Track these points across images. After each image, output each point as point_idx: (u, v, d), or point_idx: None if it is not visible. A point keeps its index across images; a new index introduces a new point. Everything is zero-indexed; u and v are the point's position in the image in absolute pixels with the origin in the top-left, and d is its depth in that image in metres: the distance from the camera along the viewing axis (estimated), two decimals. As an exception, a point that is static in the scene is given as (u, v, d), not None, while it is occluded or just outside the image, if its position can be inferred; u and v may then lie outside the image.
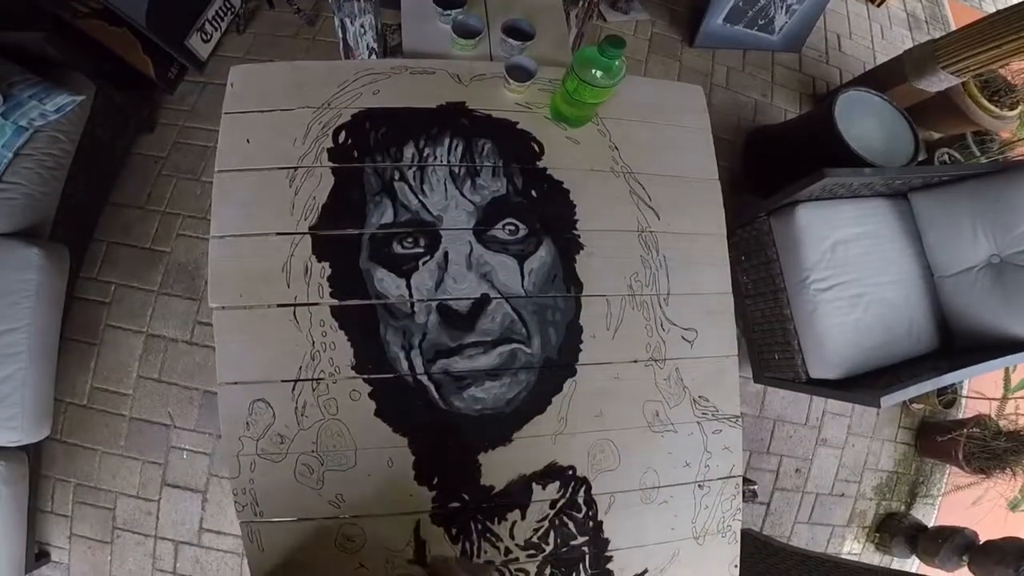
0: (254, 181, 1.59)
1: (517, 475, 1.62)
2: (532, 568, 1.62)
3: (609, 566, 1.67)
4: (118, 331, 2.86)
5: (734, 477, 1.76)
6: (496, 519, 1.60)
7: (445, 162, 1.68)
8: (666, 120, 1.90)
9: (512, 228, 1.67)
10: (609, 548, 1.67)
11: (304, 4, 3.38)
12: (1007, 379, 3.44)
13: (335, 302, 1.55)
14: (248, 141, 1.61)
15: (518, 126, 1.78)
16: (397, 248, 1.60)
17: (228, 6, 3.26)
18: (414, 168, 1.66)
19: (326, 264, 1.56)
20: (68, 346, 2.74)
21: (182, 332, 2.87)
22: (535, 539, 1.62)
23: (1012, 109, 3.49)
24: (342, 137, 1.66)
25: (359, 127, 1.67)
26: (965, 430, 3.27)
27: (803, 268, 2.58)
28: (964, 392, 3.68)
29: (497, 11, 2.02)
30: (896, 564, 3.57)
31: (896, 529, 3.50)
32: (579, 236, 1.72)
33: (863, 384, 2.50)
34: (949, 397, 3.57)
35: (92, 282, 2.88)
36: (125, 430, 2.80)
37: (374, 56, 2.23)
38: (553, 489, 1.63)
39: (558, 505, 1.63)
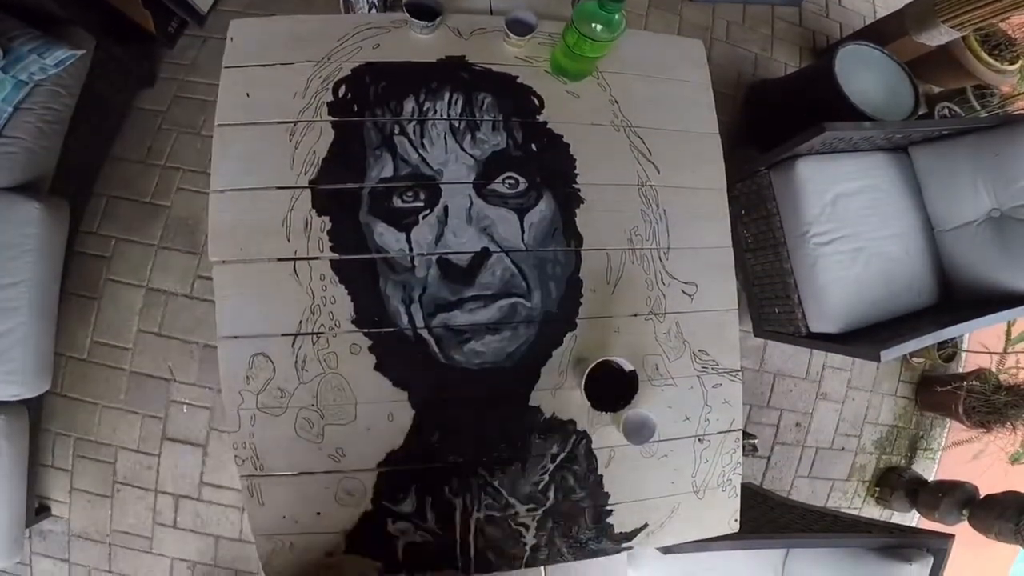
0: (254, 135, 1.58)
1: (517, 429, 1.63)
2: (532, 522, 1.64)
3: (609, 520, 1.69)
4: (118, 285, 2.85)
5: (734, 431, 1.78)
6: (496, 473, 1.62)
7: (445, 116, 1.67)
8: (666, 74, 1.88)
9: (512, 182, 1.66)
10: (609, 502, 1.69)
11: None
12: (1008, 333, 3.45)
13: (335, 256, 1.56)
14: (248, 95, 1.60)
15: (518, 80, 1.77)
16: (397, 202, 1.60)
17: (228, -41, 3.19)
18: (414, 122, 1.65)
19: (326, 218, 1.56)
20: (68, 300, 2.73)
21: (182, 286, 2.87)
22: (535, 493, 1.64)
23: (1012, 63, 3.46)
24: (342, 91, 1.65)
25: (359, 81, 1.66)
26: (965, 384, 3.30)
27: (803, 222, 2.58)
28: (964, 346, 3.69)
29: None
30: (896, 518, 3.61)
31: (896, 483, 3.53)
32: (579, 190, 1.72)
33: (863, 338, 2.51)
34: (949, 351, 3.58)
35: (92, 236, 2.87)
36: (125, 384, 2.82)
37: (374, 10, 2.21)
38: (553, 443, 1.65)
39: (558, 459, 1.65)
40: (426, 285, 1.59)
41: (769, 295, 2.91)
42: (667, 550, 1.96)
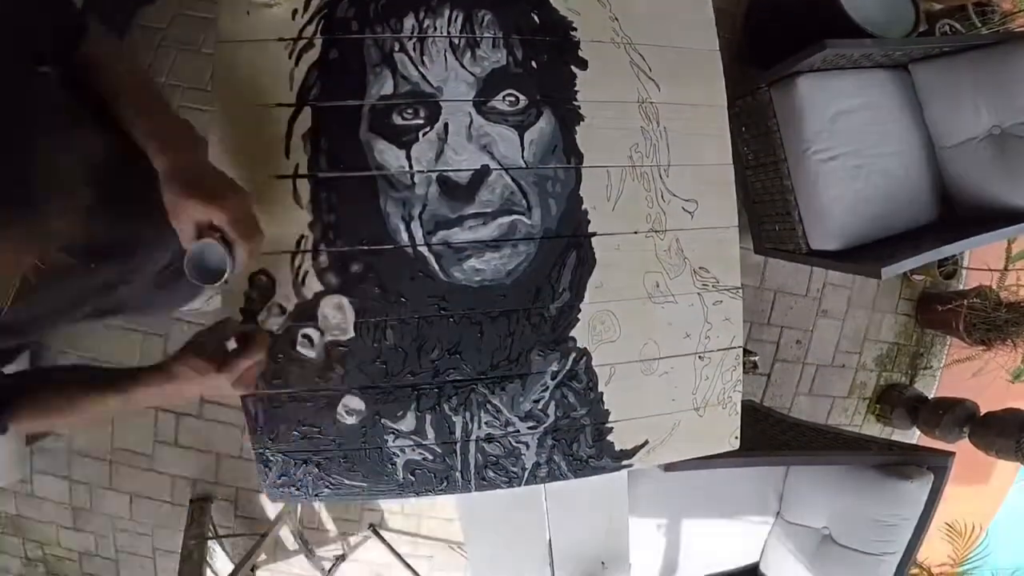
0: (255, 53, 1.56)
1: (517, 346, 1.65)
2: (532, 440, 1.67)
3: (609, 438, 1.71)
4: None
5: (735, 348, 1.79)
6: (496, 390, 1.64)
7: (445, 33, 1.65)
8: (667, -10, 1.85)
9: (512, 99, 1.65)
10: (609, 419, 1.71)
11: None
12: (1008, 250, 3.46)
13: (335, 173, 1.55)
14: (248, 13, 1.57)
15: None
16: (397, 119, 1.58)
17: None
18: (414, 39, 1.63)
19: (326, 136, 1.55)
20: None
21: (182, 206, 2.86)
22: (535, 410, 1.66)
23: (1013, -20, 3.40)
24: (342, 8, 1.61)
25: (359, -3, 1.64)
26: (966, 301, 3.31)
27: (804, 139, 2.58)
28: (965, 263, 3.71)
29: None
30: (897, 435, 3.67)
31: (897, 400, 3.59)
32: (579, 107, 1.70)
33: (864, 255, 2.54)
34: (950, 268, 3.62)
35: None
36: (126, 303, 2.84)
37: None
38: (553, 360, 1.66)
39: (558, 376, 1.67)
40: (426, 202, 1.58)
41: (770, 212, 2.93)
42: (668, 468, 1.99)
